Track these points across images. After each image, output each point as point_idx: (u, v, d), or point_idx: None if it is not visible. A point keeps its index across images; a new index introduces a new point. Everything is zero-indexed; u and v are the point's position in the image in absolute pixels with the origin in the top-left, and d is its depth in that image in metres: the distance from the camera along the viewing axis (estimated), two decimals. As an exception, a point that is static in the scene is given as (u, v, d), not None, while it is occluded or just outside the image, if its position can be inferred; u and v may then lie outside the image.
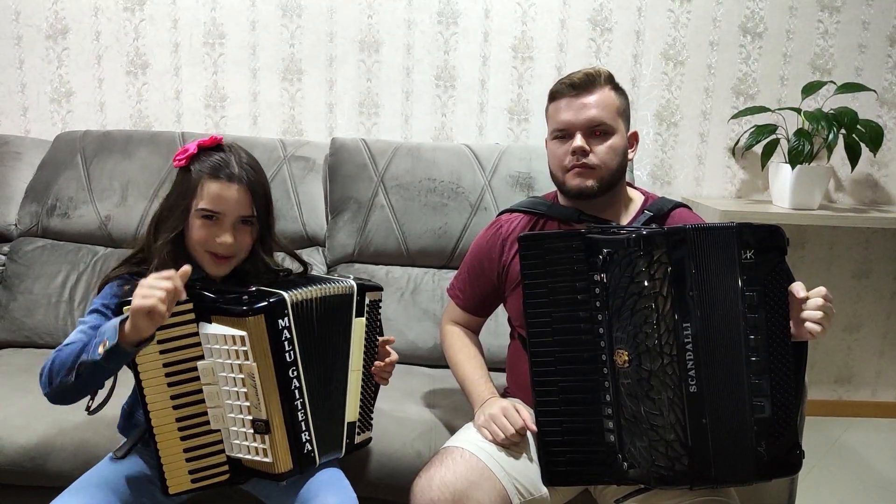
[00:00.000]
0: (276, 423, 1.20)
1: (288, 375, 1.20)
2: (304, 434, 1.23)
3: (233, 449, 1.21)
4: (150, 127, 2.42)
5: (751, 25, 2.42)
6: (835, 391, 2.70)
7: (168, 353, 1.17)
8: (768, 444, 1.18)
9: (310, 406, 1.23)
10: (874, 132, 2.26)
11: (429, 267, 2.10)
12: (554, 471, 1.25)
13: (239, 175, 1.27)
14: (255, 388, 1.18)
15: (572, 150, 1.36)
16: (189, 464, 1.21)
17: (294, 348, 1.20)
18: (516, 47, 2.41)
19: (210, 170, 1.26)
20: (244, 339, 1.16)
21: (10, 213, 2.13)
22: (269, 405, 1.19)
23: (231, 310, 1.17)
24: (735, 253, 1.18)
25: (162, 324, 1.08)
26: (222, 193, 1.25)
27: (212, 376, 1.19)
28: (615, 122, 1.37)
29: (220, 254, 1.27)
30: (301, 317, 1.23)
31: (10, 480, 1.51)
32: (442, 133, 2.46)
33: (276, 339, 1.18)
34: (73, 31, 2.39)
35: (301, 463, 1.23)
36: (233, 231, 1.27)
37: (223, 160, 1.28)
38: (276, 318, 1.18)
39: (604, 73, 1.39)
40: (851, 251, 2.60)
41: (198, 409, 1.20)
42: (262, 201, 1.31)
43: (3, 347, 1.99)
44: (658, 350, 1.18)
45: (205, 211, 1.25)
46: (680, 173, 2.51)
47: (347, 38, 2.39)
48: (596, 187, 1.37)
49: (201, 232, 1.26)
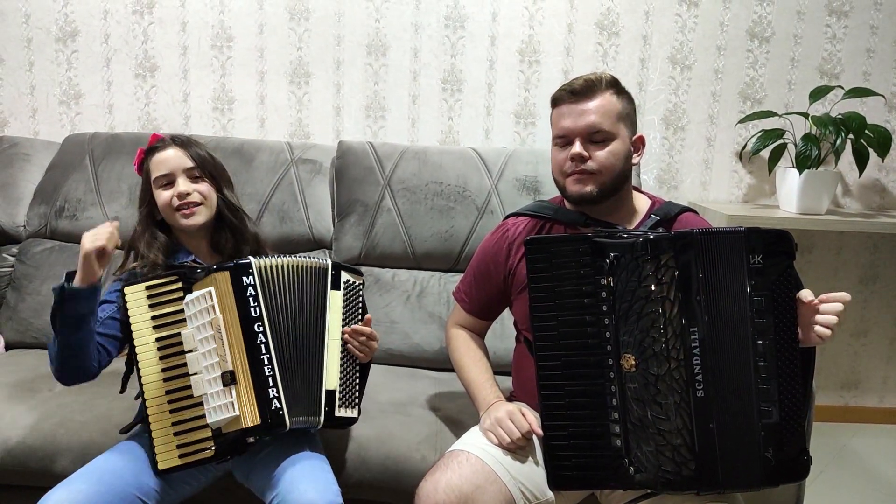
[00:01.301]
0: (243, 375, 1.27)
1: (253, 329, 1.28)
2: (271, 390, 1.28)
3: (211, 415, 1.27)
4: (159, 129, 2.43)
5: (758, 30, 2.42)
6: (841, 397, 2.68)
7: (160, 329, 1.32)
8: (776, 450, 1.18)
9: (277, 363, 1.29)
10: (882, 137, 2.25)
11: (435, 270, 2.11)
12: (560, 475, 1.24)
13: (170, 141, 1.49)
14: (222, 341, 1.27)
15: (571, 157, 1.36)
16: (177, 438, 1.29)
17: (260, 305, 1.29)
18: (523, 51, 2.41)
19: (152, 150, 1.49)
20: (211, 294, 1.28)
21: (18, 215, 2.14)
22: (234, 356, 1.27)
23: (203, 274, 1.32)
24: (743, 257, 1.18)
25: (107, 264, 1.27)
26: (161, 158, 1.46)
27: (192, 342, 1.29)
28: (615, 127, 1.36)
29: (183, 204, 1.44)
30: (268, 279, 1.32)
31: (16, 481, 1.51)
32: (448, 136, 2.46)
33: (240, 294, 1.29)
34: (83, 34, 2.40)
35: (269, 419, 1.26)
36: (186, 183, 1.45)
37: (160, 140, 1.50)
38: (240, 276, 1.29)
39: (605, 78, 1.38)
40: (859, 256, 2.59)
41: (184, 381, 1.30)
42: (199, 158, 1.48)
43: (12, 348, 2.00)
44: (665, 354, 1.18)
45: (158, 179, 1.45)
46: (687, 177, 2.50)
47: (355, 41, 2.40)
48: (596, 192, 1.37)
49: (164, 196, 1.45)
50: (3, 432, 1.51)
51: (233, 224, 1.52)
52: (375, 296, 2.03)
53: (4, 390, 1.66)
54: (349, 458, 1.50)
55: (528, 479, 1.27)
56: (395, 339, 1.99)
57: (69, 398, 1.62)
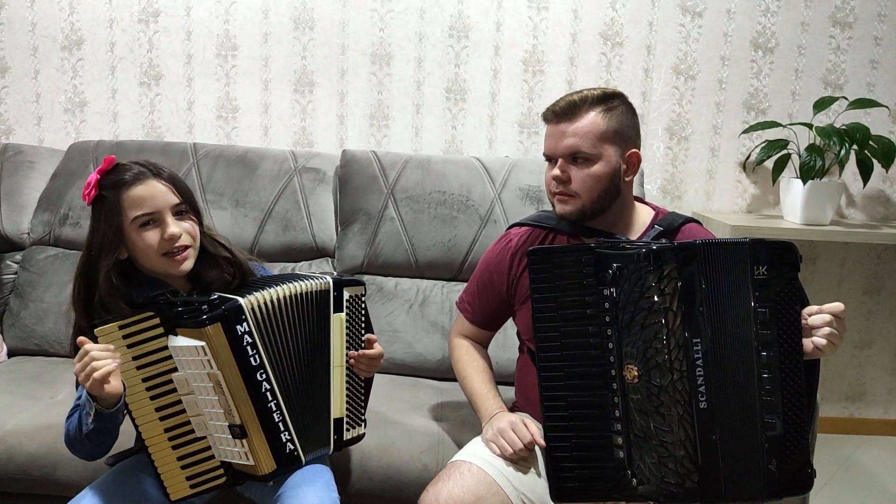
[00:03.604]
0: (252, 428, 1.21)
1: (256, 379, 1.20)
2: (283, 434, 1.24)
3: (220, 454, 1.24)
4: (163, 137, 2.44)
5: (762, 41, 2.42)
6: (846, 408, 2.67)
7: (145, 369, 1.19)
8: (779, 462, 1.17)
9: (286, 406, 1.24)
10: (886, 148, 2.25)
11: (438, 279, 2.10)
12: (562, 486, 1.24)
13: (150, 172, 1.26)
14: (225, 396, 1.19)
15: (553, 177, 1.37)
16: (185, 471, 1.23)
17: (259, 352, 1.20)
18: (527, 61, 2.42)
19: (124, 182, 1.24)
20: (205, 349, 1.17)
21: (23, 222, 2.15)
22: (241, 410, 1.20)
23: (189, 321, 1.17)
24: (748, 269, 1.18)
25: (119, 391, 1.13)
26: (143, 193, 1.24)
27: (187, 386, 1.20)
28: (596, 148, 1.34)
29: (175, 248, 1.25)
30: (265, 319, 1.23)
31: (18, 489, 1.51)
32: (452, 146, 2.46)
33: (237, 345, 1.18)
34: (88, 42, 2.41)
35: (284, 462, 1.24)
36: (176, 224, 1.26)
37: (128, 169, 1.26)
38: (233, 325, 1.18)
39: (591, 97, 1.34)
40: (863, 267, 2.58)
41: (183, 418, 1.22)
42: (184, 191, 1.30)
43: (14, 355, 2.00)
44: (668, 366, 1.17)
45: (141, 217, 1.24)
46: (690, 188, 2.50)
47: (359, 50, 2.41)
48: (576, 213, 1.37)
49: (148, 238, 1.24)
50: (4, 440, 1.51)
51: (216, 257, 1.34)
52: (378, 305, 2.03)
53: (6, 398, 1.66)
54: (351, 467, 1.50)
55: (530, 490, 1.26)
56: (397, 348, 1.99)
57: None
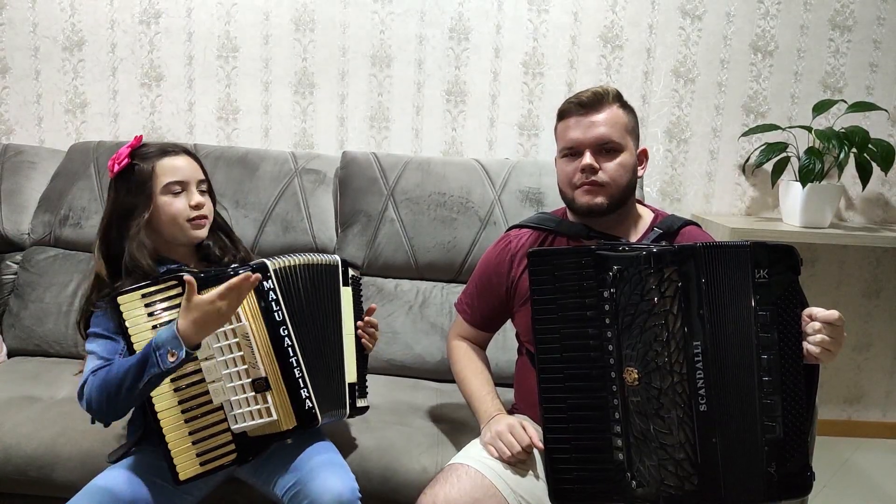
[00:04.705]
0: (275, 380, 1.27)
1: (279, 333, 1.29)
2: (302, 391, 1.30)
3: (236, 420, 1.26)
4: (163, 138, 2.44)
5: (762, 44, 2.43)
6: (844, 411, 2.67)
7: None
8: (779, 465, 1.17)
9: (305, 364, 1.31)
10: (885, 151, 2.25)
11: (437, 281, 2.11)
12: (561, 489, 1.24)
13: (181, 149, 1.42)
14: (251, 348, 1.26)
15: (581, 168, 1.36)
16: (196, 446, 1.26)
17: (282, 308, 1.29)
18: (527, 63, 2.42)
19: (157, 153, 1.39)
20: None
21: (23, 223, 2.15)
22: (265, 363, 1.27)
23: (221, 278, 1.21)
24: (749, 272, 1.18)
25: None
26: (178, 164, 1.39)
27: (207, 350, 1.24)
28: (624, 139, 1.38)
29: (197, 216, 1.38)
30: (286, 281, 1.32)
31: (16, 489, 1.51)
32: (452, 148, 2.46)
33: (263, 298, 1.28)
34: (89, 43, 2.42)
35: (304, 419, 1.29)
36: (200, 195, 1.40)
37: (160, 144, 1.41)
38: (261, 280, 1.25)
39: (612, 91, 1.40)
40: (862, 270, 2.58)
41: (199, 388, 1.26)
42: (206, 171, 1.45)
43: (14, 355, 2.00)
44: (668, 368, 1.17)
45: (172, 185, 1.37)
46: (690, 190, 2.50)
47: (359, 52, 2.41)
48: (605, 204, 1.37)
49: (176, 204, 1.37)
50: (2, 440, 1.51)
51: (222, 236, 1.49)
52: (378, 306, 2.03)
53: (5, 398, 1.66)
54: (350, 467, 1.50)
55: (528, 493, 1.26)
56: (396, 349, 1.99)
57: (70, 407, 1.61)
